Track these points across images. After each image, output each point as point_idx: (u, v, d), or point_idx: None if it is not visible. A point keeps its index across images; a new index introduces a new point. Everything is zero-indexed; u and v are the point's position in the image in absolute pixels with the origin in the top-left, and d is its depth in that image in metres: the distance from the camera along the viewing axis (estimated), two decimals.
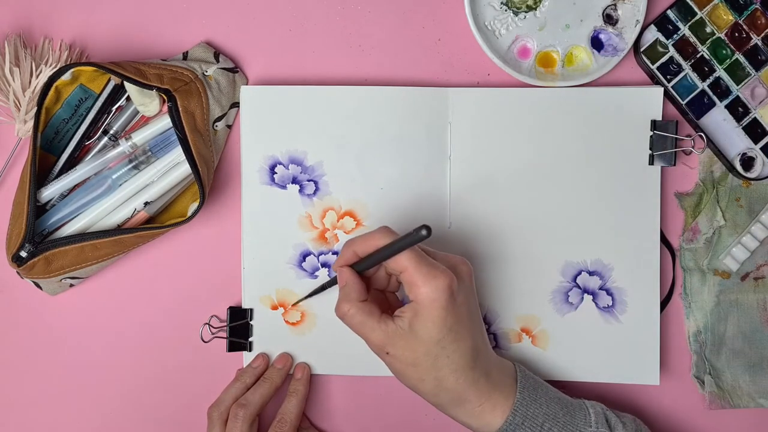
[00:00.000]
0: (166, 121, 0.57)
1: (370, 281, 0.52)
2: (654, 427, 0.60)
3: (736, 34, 0.58)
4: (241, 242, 0.59)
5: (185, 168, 0.56)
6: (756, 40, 0.58)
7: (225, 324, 0.59)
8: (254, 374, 0.58)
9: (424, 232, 0.45)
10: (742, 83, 0.58)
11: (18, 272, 0.55)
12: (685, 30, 0.58)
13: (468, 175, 0.58)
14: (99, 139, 0.58)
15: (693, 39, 0.58)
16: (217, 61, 0.58)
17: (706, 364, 0.59)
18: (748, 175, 0.58)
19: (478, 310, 0.52)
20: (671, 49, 0.58)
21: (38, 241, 0.54)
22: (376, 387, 0.60)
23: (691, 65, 0.58)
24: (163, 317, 0.60)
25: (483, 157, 0.58)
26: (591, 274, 0.58)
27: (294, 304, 0.59)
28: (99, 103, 0.57)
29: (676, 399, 0.60)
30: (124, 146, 0.57)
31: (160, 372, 0.61)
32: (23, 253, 0.54)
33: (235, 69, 0.59)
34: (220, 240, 0.60)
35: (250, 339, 0.59)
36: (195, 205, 0.56)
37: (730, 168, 0.59)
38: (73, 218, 0.56)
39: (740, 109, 0.58)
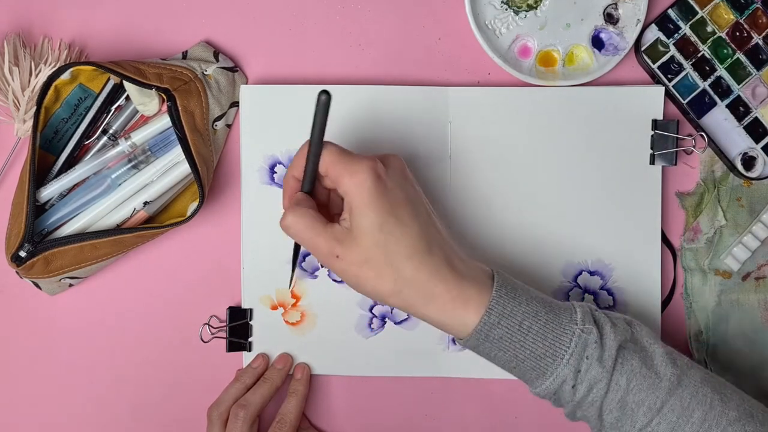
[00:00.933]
0: (165, 121, 0.56)
1: (329, 209, 0.51)
2: None
3: (737, 34, 0.58)
4: (241, 242, 0.59)
5: (185, 167, 0.56)
6: (757, 39, 0.58)
7: (225, 324, 0.59)
8: (254, 374, 0.58)
9: (323, 96, 0.45)
10: (743, 83, 0.58)
11: (17, 272, 0.55)
12: (686, 29, 0.58)
13: (468, 174, 0.58)
14: (98, 138, 0.58)
15: (694, 38, 0.58)
16: (217, 61, 0.58)
17: (707, 364, 0.59)
18: (749, 174, 0.58)
19: (423, 202, 0.49)
20: (672, 49, 0.58)
21: (37, 241, 0.54)
22: (376, 387, 0.60)
23: (692, 64, 0.58)
24: (163, 317, 0.60)
25: (483, 157, 0.58)
26: (592, 274, 0.58)
27: (291, 288, 0.59)
28: (98, 103, 0.57)
29: None
30: (123, 146, 0.57)
31: (160, 372, 0.61)
32: (22, 253, 0.54)
33: (234, 68, 0.59)
34: (220, 240, 0.60)
35: (249, 339, 0.59)
36: (195, 205, 0.56)
37: (731, 167, 0.59)
38: (72, 218, 0.56)
39: (741, 108, 0.58)
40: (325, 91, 0.45)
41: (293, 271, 0.57)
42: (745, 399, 0.48)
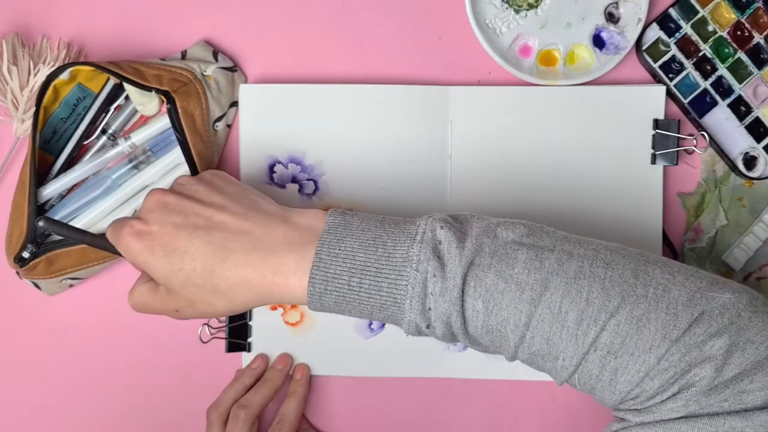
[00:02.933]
0: (165, 121, 0.56)
1: None
2: None
3: (738, 33, 0.58)
4: None
5: (185, 169, 0.56)
6: (758, 38, 0.58)
7: (224, 324, 0.59)
8: (253, 375, 0.58)
9: (41, 224, 0.47)
10: (744, 82, 0.58)
11: (17, 272, 0.55)
12: (687, 28, 0.58)
13: (468, 174, 0.58)
14: (98, 138, 0.58)
15: (695, 37, 0.58)
16: (216, 61, 0.58)
17: None
18: (750, 174, 0.58)
19: (200, 207, 0.46)
20: (673, 48, 0.58)
21: (40, 242, 0.54)
22: (375, 388, 0.60)
23: (693, 64, 0.58)
24: (162, 317, 0.60)
25: (484, 157, 0.58)
26: None
27: None
28: (98, 102, 0.57)
29: None
30: (122, 146, 0.56)
31: (159, 372, 0.60)
32: (25, 254, 0.53)
33: (234, 68, 0.58)
34: None
35: (249, 339, 0.59)
36: None
37: (733, 167, 0.58)
38: (72, 219, 0.56)
39: (742, 108, 0.58)
40: (40, 218, 0.47)
41: None
42: (640, 274, 0.42)
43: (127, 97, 0.57)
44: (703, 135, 0.58)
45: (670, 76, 0.58)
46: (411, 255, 0.42)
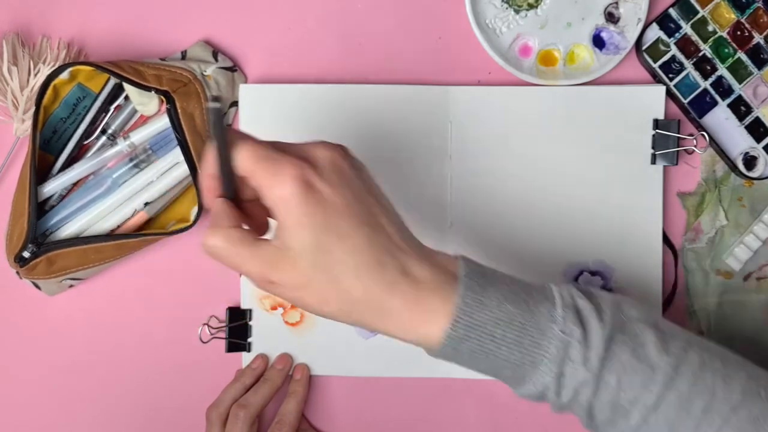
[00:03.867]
0: (165, 121, 0.56)
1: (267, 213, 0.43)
2: None
3: (738, 33, 0.58)
4: None
5: (186, 167, 0.55)
6: (758, 38, 0.58)
7: (224, 324, 0.59)
8: (253, 375, 0.58)
9: (211, 104, 0.39)
10: (744, 82, 0.58)
11: (17, 272, 0.55)
12: (687, 28, 0.58)
13: (468, 174, 0.58)
14: (97, 138, 0.58)
15: (695, 37, 0.58)
16: (216, 61, 0.58)
17: None
18: (750, 174, 0.58)
19: (367, 200, 0.41)
20: (673, 48, 0.58)
21: (41, 242, 0.54)
22: (376, 388, 0.60)
23: (693, 64, 0.58)
24: (162, 317, 0.60)
25: (484, 157, 0.58)
26: (593, 274, 0.58)
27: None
28: (99, 102, 0.57)
29: None
30: (121, 145, 0.56)
31: (159, 372, 0.60)
32: (26, 254, 0.53)
33: (233, 68, 0.58)
34: None
35: (249, 340, 0.59)
36: (197, 209, 0.56)
37: (733, 167, 0.58)
38: (73, 219, 0.56)
39: (742, 108, 0.58)
40: (213, 97, 0.42)
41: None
42: (752, 375, 0.43)
43: (126, 97, 0.57)
44: (703, 135, 0.58)
45: (670, 76, 0.58)
46: (555, 316, 0.41)
